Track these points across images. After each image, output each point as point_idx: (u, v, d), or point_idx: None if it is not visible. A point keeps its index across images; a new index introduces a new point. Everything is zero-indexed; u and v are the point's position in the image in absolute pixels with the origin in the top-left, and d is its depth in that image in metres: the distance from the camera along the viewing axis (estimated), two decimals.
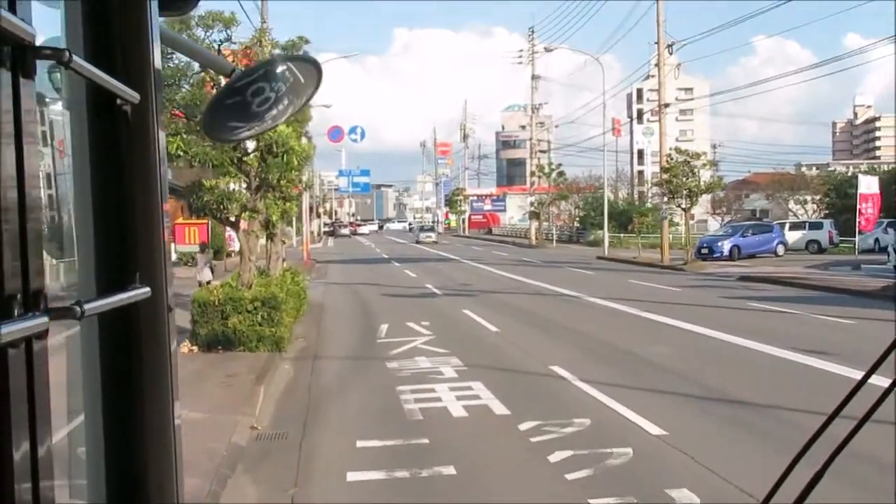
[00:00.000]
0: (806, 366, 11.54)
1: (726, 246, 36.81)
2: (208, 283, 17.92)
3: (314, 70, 1.69)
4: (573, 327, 16.22)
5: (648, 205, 62.26)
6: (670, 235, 38.66)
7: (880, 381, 1.03)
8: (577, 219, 65.69)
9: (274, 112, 1.62)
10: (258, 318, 13.33)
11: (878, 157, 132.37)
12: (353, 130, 45.44)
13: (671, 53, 35.64)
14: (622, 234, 53.28)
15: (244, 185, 15.05)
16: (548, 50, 44.07)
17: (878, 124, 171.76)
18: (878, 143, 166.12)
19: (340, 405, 9.90)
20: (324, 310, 20.22)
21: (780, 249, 39.19)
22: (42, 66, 0.80)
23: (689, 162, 33.86)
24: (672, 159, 34.20)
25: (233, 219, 14.32)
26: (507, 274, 30.98)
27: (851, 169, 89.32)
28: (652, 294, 22.23)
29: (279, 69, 1.64)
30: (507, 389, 10.30)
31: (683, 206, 33.98)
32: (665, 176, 34.20)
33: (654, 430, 8.18)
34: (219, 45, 14.12)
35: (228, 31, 14.28)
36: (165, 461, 1.09)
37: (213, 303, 13.29)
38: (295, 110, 1.71)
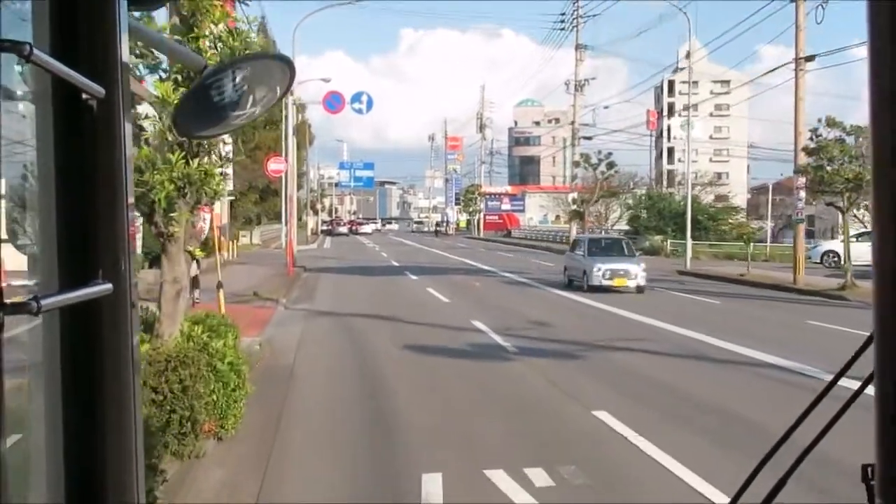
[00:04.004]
0: None
1: None
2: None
3: (287, 68, 1.67)
4: None
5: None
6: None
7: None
8: (626, 221, 54.73)
9: (246, 109, 1.60)
10: None
11: None
12: (356, 98, 34.49)
13: None
14: (683, 241, 42.56)
15: None
16: None
17: None
18: None
19: None
20: (290, 394, 9.68)
21: None
22: (12, 59, 0.82)
23: (843, 140, 23.22)
24: (820, 137, 23.51)
25: None
26: (592, 302, 20.29)
27: None
28: None
29: (251, 66, 1.63)
30: None
31: (840, 203, 23.22)
32: (809, 160, 23.49)
33: None
34: None
35: None
36: (126, 460, 1.05)
37: None
38: (266, 107, 1.69)
